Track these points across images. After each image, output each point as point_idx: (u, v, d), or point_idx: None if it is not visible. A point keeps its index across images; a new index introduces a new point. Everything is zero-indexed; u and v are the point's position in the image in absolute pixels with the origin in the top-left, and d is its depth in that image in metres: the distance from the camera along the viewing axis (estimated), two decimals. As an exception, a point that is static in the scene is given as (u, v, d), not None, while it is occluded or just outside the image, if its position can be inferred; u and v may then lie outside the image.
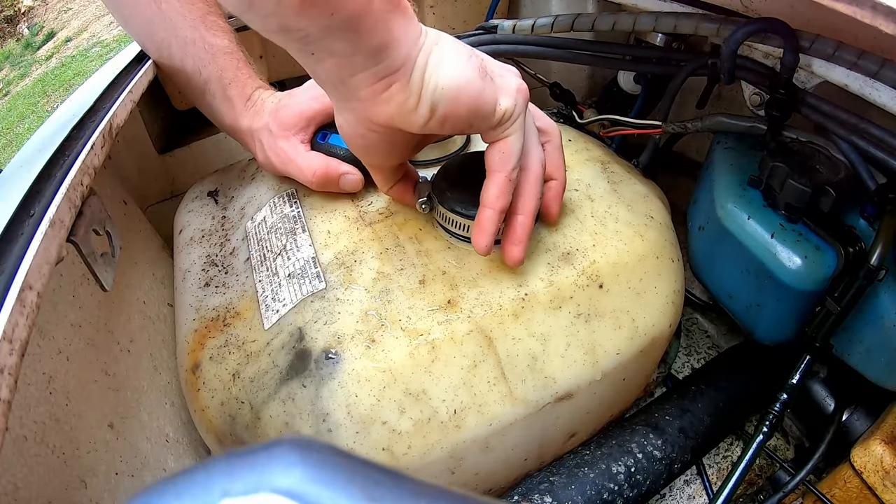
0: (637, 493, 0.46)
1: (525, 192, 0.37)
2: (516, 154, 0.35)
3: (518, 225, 0.38)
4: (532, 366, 0.40)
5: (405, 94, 0.31)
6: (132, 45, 0.58)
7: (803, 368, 0.46)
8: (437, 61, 0.31)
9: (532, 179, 0.37)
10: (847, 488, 0.47)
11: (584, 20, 0.57)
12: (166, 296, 0.56)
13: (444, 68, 0.31)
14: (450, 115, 0.32)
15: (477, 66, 0.32)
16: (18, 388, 0.30)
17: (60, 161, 0.38)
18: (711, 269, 0.53)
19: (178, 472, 0.12)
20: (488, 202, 0.36)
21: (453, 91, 0.31)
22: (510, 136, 0.34)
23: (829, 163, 0.45)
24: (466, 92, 0.31)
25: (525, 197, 0.37)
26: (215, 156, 0.77)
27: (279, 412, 0.37)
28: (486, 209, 0.36)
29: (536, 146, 0.38)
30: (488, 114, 0.33)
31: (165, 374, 0.51)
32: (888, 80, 0.39)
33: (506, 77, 0.34)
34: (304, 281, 0.41)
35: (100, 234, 0.40)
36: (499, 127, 0.34)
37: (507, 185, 0.35)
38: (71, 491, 0.34)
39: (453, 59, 0.31)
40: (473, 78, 0.31)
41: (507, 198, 0.36)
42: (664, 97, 0.57)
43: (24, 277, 0.29)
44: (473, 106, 0.32)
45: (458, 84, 0.31)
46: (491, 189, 0.35)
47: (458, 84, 0.31)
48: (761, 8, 0.45)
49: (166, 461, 0.46)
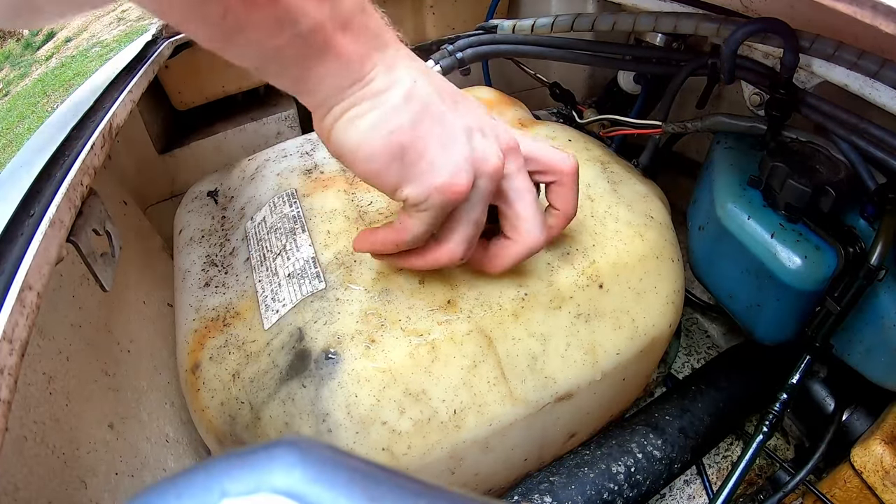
0: (637, 493, 0.46)
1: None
2: (411, 234, 0.33)
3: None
4: (532, 366, 0.40)
5: (318, 126, 0.31)
6: (132, 45, 0.58)
7: (803, 368, 0.46)
8: (354, 116, 0.29)
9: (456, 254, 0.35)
10: (847, 488, 0.47)
11: (583, 20, 0.57)
12: (166, 296, 0.56)
13: (352, 130, 0.29)
14: (349, 168, 0.31)
15: (392, 144, 0.29)
16: (18, 389, 0.30)
17: (60, 161, 0.38)
18: (711, 269, 0.53)
19: (178, 472, 0.12)
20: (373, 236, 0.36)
21: (349, 153, 0.30)
22: (412, 218, 0.32)
23: (829, 163, 0.45)
24: (363, 164, 0.30)
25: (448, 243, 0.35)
26: (215, 156, 0.77)
27: (279, 412, 0.37)
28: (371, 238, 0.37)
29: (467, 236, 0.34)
30: (387, 191, 0.32)
31: (165, 375, 0.51)
32: (888, 80, 0.39)
33: (434, 170, 0.30)
34: (304, 281, 0.41)
35: (100, 234, 0.40)
36: (405, 206, 0.32)
37: (391, 248, 0.35)
38: (71, 491, 0.34)
39: (372, 126, 0.29)
40: (378, 154, 0.29)
41: (389, 251, 0.36)
42: (664, 97, 0.57)
43: (24, 277, 0.29)
44: (369, 178, 0.31)
45: (355, 153, 0.30)
46: (380, 235, 0.36)
47: (355, 153, 0.30)
48: (761, 8, 0.45)
49: (166, 461, 0.46)
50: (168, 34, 0.65)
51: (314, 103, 0.30)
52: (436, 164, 0.30)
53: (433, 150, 0.30)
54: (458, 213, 0.33)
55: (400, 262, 0.38)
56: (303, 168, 0.51)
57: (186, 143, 0.75)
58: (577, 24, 0.57)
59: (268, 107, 0.83)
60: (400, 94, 0.29)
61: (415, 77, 0.30)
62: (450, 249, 0.34)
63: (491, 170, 0.32)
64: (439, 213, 0.32)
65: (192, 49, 0.68)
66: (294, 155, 0.54)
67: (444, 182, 0.30)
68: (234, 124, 0.79)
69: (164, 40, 0.63)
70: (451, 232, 0.34)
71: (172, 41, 0.64)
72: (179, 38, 0.65)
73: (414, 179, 0.30)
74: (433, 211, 0.31)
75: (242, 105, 0.84)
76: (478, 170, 0.31)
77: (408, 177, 0.30)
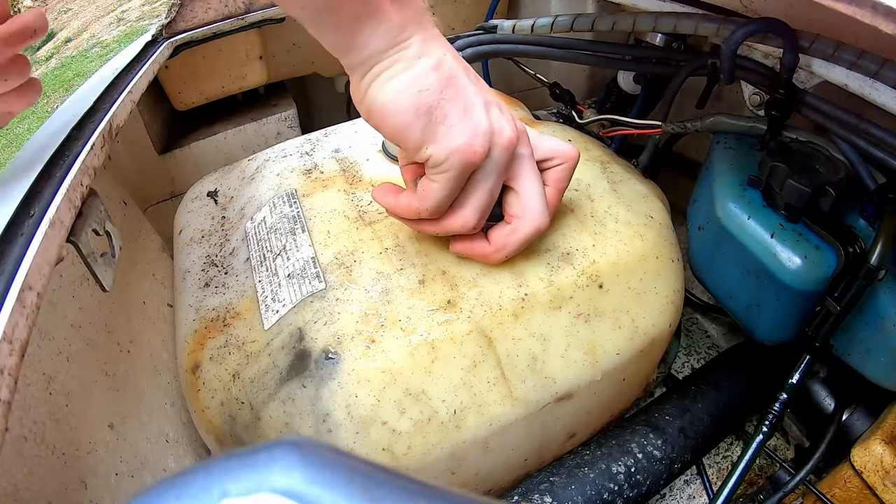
0: (637, 493, 0.46)
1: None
2: (432, 201, 0.36)
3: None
4: (532, 366, 0.40)
5: (356, 88, 0.34)
6: (132, 45, 0.58)
7: (803, 368, 0.46)
8: (389, 76, 0.33)
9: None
10: (847, 488, 0.47)
11: (583, 20, 0.57)
12: (166, 296, 0.56)
13: (388, 87, 0.33)
14: (379, 126, 0.35)
15: (420, 103, 0.33)
16: (18, 389, 0.30)
17: (60, 161, 0.38)
18: (711, 269, 0.53)
19: (178, 472, 0.12)
20: (396, 197, 0.38)
21: (381, 110, 0.33)
22: (434, 182, 0.35)
23: (829, 163, 0.45)
24: (393, 118, 0.33)
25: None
26: (215, 156, 0.77)
27: (279, 412, 0.37)
28: (393, 198, 0.39)
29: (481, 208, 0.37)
30: (411, 148, 0.34)
31: (165, 375, 0.51)
32: (888, 79, 0.39)
33: (454, 132, 0.33)
34: (304, 281, 0.41)
35: (100, 234, 0.40)
36: (427, 167, 0.35)
37: (411, 213, 0.37)
38: (71, 491, 0.34)
39: (405, 84, 0.33)
40: (406, 109, 0.33)
41: (407, 216, 0.38)
42: (664, 97, 0.57)
43: (24, 278, 0.29)
44: (396, 132, 0.34)
45: (386, 107, 0.33)
46: (403, 198, 0.38)
47: (386, 107, 0.33)
48: (761, 8, 0.45)
49: (166, 462, 0.46)
50: (168, 34, 0.65)
51: (357, 61, 0.33)
52: (456, 128, 0.33)
53: (455, 114, 0.33)
54: (473, 181, 0.36)
55: (415, 225, 0.40)
56: (303, 168, 0.51)
57: (186, 143, 0.75)
58: (577, 25, 0.57)
59: (268, 107, 0.83)
60: (430, 62, 0.33)
61: (444, 52, 0.34)
62: (463, 216, 0.37)
63: (506, 142, 0.35)
64: (458, 176, 0.34)
65: (192, 49, 0.68)
66: (294, 155, 0.54)
67: (463, 143, 0.33)
68: (234, 124, 0.79)
69: (164, 41, 0.64)
70: (466, 199, 0.36)
71: (172, 41, 0.64)
72: (179, 38, 0.65)
73: (437, 140, 0.33)
74: (453, 172, 0.34)
75: (242, 105, 0.84)
76: (494, 141, 0.34)
77: (432, 136, 0.33)
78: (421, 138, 0.33)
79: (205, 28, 0.66)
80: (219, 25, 0.67)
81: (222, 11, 0.67)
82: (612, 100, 0.76)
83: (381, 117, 0.34)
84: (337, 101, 0.98)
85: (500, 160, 0.35)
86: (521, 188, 0.37)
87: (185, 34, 0.65)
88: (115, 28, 6.10)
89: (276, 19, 0.71)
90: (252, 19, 0.69)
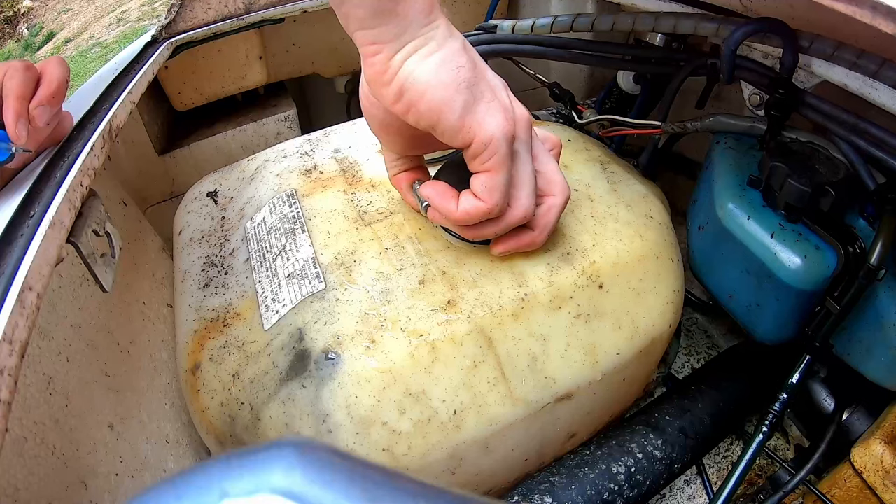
0: (637, 493, 0.46)
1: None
2: (499, 190, 0.35)
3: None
4: (532, 366, 0.40)
5: (384, 67, 0.33)
6: (132, 46, 0.58)
7: (803, 368, 0.46)
8: (426, 53, 0.32)
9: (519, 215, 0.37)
10: (847, 488, 0.47)
11: (583, 20, 0.57)
12: (166, 297, 0.56)
13: (427, 63, 0.32)
14: (413, 105, 0.33)
15: (460, 79, 0.32)
16: (18, 390, 0.30)
17: (60, 162, 0.38)
18: (711, 269, 0.53)
19: (178, 473, 0.12)
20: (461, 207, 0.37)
21: (422, 86, 0.32)
22: (490, 170, 0.34)
23: (829, 163, 0.45)
24: (434, 93, 0.32)
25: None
26: (215, 156, 0.77)
27: (279, 413, 0.37)
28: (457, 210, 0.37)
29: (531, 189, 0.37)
30: (451, 127, 0.33)
31: (165, 375, 0.51)
32: (888, 79, 0.39)
33: (493, 109, 0.34)
34: (304, 281, 0.41)
35: (100, 234, 0.40)
36: (471, 155, 0.34)
37: (480, 216, 0.36)
38: (71, 492, 0.34)
39: (442, 61, 0.32)
40: (448, 84, 0.32)
41: (476, 220, 0.37)
42: (664, 97, 0.57)
43: (24, 278, 0.29)
44: (436, 109, 0.33)
45: (429, 82, 0.32)
46: (467, 204, 0.36)
47: (429, 82, 0.32)
48: (761, 8, 0.45)
49: (166, 462, 0.46)
50: (168, 35, 0.65)
51: (392, 35, 0.32)
52: (494, 104, 0.34)
53: (489, 92, 0.34)
54: (515, 171, 0.36)
55: (474, 231, 0.39)
56: (302, 168, 0.51)
57: (186, 143, 0.75)
58: (577, 25, 0.57)
59: (268, 107, 0.83)
60: (458, 44, 0.34)
61: (463, 39, 0.35)
62: (522, 204, 0.37)
63: (525, 120, 0.36)
64: (508, 155, 0.34)
65: (191, 50, 0.68)
66: (294, 155, 0.54)
67: (504, 119, 0.34)
68: (234, 125, 0.79)
69: (163, 41, 0.64)
70: (517, 186, 0.36)
71: (172, 42, 0.64)
72: (179, 38, 0.65)
73: (478, 117, 0.33)
74: (503, 151, 0.34)
75: (242, 105, 0.84)
76: (515, 120, 0.35)
77: (472, 114, 0.33)
78: (461, 115, 0.33)
79: (204, 28, 0.66)
80: (218, 26, 0.67)
81: (222, 12, 0.67)
82: (611, 100, 0.76)
83: (419, 94, 0.32)
84: (337, 101, 0.98)
85: (526, 140, 0.36)
86: (543, 166, 0.38)
87: (184, 35, 0.65)
88: (115, 28, 6.10)
89: (276, 19, 0.71)
90: (252, 20, 0.69)
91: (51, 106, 0.38)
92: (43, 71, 0.39)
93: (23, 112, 0.37)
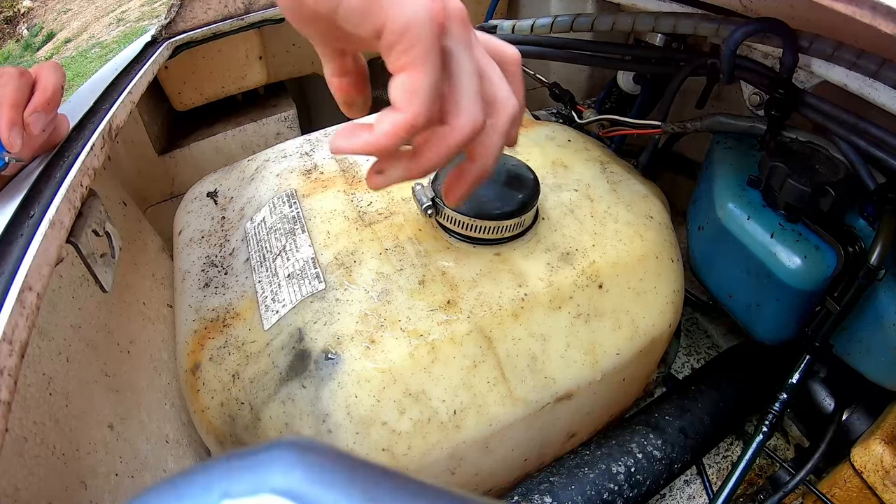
0: (637, 493, 0.46)
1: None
2: (422, 91, 0.27)
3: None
4: (532, 366, 0.40)
5: None
6: (132, 45, 0.58)
7: (803, 368, 0.46)
8: None
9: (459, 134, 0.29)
10: (847, 488, 0.47)
11: (583, 20, 0.57)
12: (166, 297, 0.56)
13: None
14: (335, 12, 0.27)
15: None
16: (18, 390, 0.30)
17: (60, 162, 0.38)
18: (711, 269, 0.53)
19: (178, 473, 0.12)
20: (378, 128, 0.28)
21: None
22: (409, 67, 0.27)
23: (829, 163, 0.45)
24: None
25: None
26: (215, 157, 0.77)
27: (279, 413, 0.37)
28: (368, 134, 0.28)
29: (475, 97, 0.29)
30: (355, 5, 0.26)
31: (165, 375, 0.51)
32: (887, 79, 0.39)
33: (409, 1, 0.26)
34: (304, 281, 0.41)
35: (99, 234, 0.40)
36: (385, 48, 0.27)
37: (406, 131, 0.27)
38: (71, 492, 0.34)
39: None
40: None
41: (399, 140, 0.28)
42: (664, 97, 0.57)
43: (23, 278, 0.29)
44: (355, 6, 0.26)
45: None
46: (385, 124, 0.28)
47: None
48: (761, 8, 0.45)
49: (166, 462, 0.46)
50: (168, 35, 0.65)
51: None
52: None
53: None
54: (452, 64, 0.29)
55: (423, 161, 0.30)
56: (302, 168, 0.51)
57: (186, 143, 0.75)
58: (577, 25, 0.57)
59: (268, 107, 0.83)
60: None
61: None
62: (468, 112, 0.29)
63: (459, 13, 0.29)
64: (432, 47, 0.27)
65: (191, 50, 0.68)
66: (294, 155, 0.54)
67: (422, 5, 0.26)
68: (234, 125, 0.79)
69: (163, 41, 0.64)
70: (457, 94, 0.29)
71: (172, 42, 0.64)
72: (179, 38, 0.65)
73: (394, 9, 0.26)
74: (425, 42, 0.26)
75: (242, 105, 0.84)
76: (445, 12, 0.28)
77: (389, 6, 0.26)
78: (378, 13, 0.26)
79: (204, 28, 0.66)
80: (218, 26, 0.67)
81: (222, 12, 0.67)
82: (611, 100, 0.76)
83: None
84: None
85: (462, 38, 0.29)
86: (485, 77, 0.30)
87: (184, 35, 0.65)
88: (115, 28, 6.10)
89: (276, 19, 0.71)
90: (252, 19, 0.69)
91: (46, 113, 0.37)
92: (37, 77, 0.38)
93: (17, 120, 0.36)
